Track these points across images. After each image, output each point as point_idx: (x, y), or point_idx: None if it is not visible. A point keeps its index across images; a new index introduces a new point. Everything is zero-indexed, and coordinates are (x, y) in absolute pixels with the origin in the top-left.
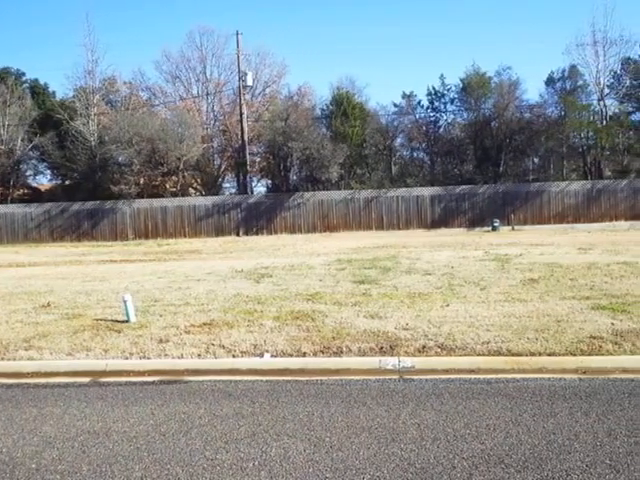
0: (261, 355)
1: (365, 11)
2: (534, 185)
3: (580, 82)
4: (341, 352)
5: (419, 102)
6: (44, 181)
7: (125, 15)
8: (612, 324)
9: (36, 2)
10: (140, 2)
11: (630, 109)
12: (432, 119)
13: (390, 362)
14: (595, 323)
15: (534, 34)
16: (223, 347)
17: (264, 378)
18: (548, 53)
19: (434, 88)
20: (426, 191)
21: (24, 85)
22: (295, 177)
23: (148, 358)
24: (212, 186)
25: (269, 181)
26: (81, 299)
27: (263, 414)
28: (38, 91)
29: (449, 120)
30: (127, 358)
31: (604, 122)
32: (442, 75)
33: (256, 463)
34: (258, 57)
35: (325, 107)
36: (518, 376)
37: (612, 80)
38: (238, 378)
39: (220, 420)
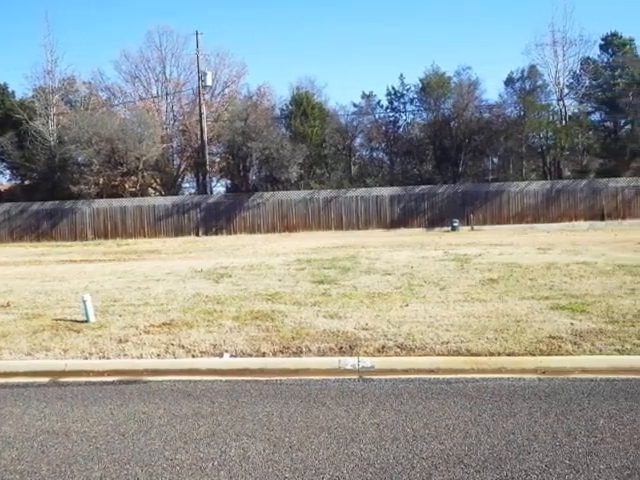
0: (220, 355)
1: (324, 11)
2: (493, 185)
3: (539, 82)
4: (300, 352)
5: (378, 102)
6: (3, 181)
7: (84, 15)
8: (571, 324)
9: None
10: (99, 1)
11: (589, 109)
12: (391, 119)
13: (349, 362)
14: (554, 323)
15: (494, 34)
16: (182, 347)
17: (223, 378)
18: (508, 53)
19: (393, 88)
20: (385, 191)
21: None
22: (254, 177)
23: (107, 358)
24: (171, 186)
25: (228, 181)
26: (40, 299)
27: (222, 414)
28: None
29: (408, 120)
30: (86, 358)
31: (563, 122)
32: (402, 75)
33: (215, 463)
34: (217, 57)
35: (284, 107)
36: (477, 376)
37: (571, 80)
38: (197, 378)
39: (179, 420)
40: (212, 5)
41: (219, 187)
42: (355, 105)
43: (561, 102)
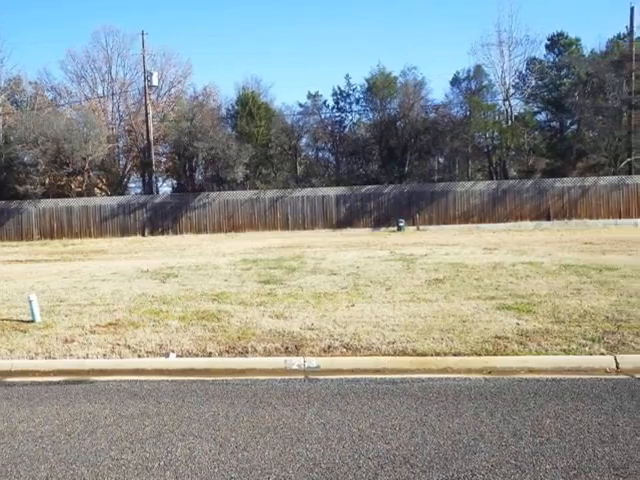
0: (167, 355)
1: (270, 11)
2: (439, 185)
3: (485, 82)
4: (246, 352)
5: (325, 102)
6: None
7: (30, 14)
8: (517, 324)
9: None
10: (46, 1)
11: (535, 109)
12: (337, 119)
13: (295, 362)
14: (500, 323)
15: (441, 34)
16: (129, 347)
17: (170, 378)
18: (454, 53)
19: (339, 88)
20: (331, 191)
21: None
22: (201, 177)
23: (54, 358)
24: (118, 186)
25: (175, 181)
26: None
27: (168, 414)
28: None
29: (354, 120)
30: (33, 358)
31: (509, 122)
32: (348, 75)
33: (161, 463)
34: (164, 57)
35: (231, 107)
36: (424, 376)
37: (517, 80)
38: (143, 378)
39: (125, 420)
40: (158, 5)
41: (165, 187)
42: (301, 105)
43: (507, 102)
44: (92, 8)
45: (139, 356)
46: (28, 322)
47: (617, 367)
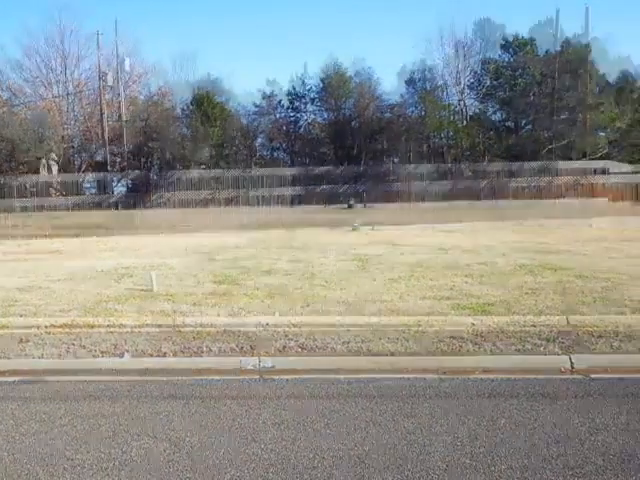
0: (121, 355)
1: (220, 6)
2: (396, 185)
3: (441, 82)
4: (201, 352)
5: (279, 102)
6: None
7: None
8: (472, 324)
9: None
10: None
11: (490, 109)
12: (292, 119)
13: (250, 362)
14: (455, 323)
15: (394, 34)
16: (84, 347)
17: (124, 378)
18: (410, 54)
19: (294, 88)
20: (287, 191)
21: None
22: (156, 177)
23: (8, 358)
24: (73, 186)
25: (130, 181)
26: None
27: (124, 414)
28: None
29: (309, 120)
30: None
31: (464, 122)
32: (303, 75)
33: (116, 463)
34: (119, 57)
35: (186, 107)
36: (378, 376)
37: (472, 80)
38: (98, 378)
39: (81, 420)
40: (113, 5)
41: (120, 187)
42: (256, 105)
43: (462, 102)
44: (48, 7)
45: (94, 356)
46: None
47: (572, 367)
